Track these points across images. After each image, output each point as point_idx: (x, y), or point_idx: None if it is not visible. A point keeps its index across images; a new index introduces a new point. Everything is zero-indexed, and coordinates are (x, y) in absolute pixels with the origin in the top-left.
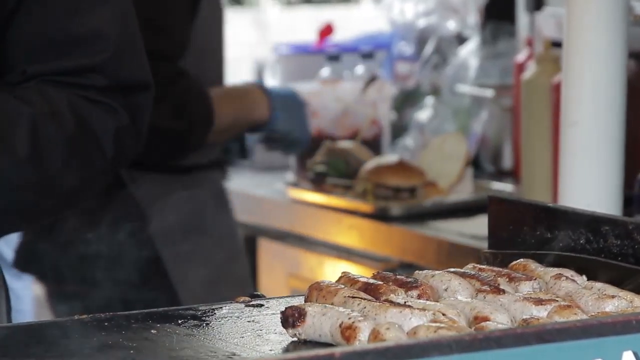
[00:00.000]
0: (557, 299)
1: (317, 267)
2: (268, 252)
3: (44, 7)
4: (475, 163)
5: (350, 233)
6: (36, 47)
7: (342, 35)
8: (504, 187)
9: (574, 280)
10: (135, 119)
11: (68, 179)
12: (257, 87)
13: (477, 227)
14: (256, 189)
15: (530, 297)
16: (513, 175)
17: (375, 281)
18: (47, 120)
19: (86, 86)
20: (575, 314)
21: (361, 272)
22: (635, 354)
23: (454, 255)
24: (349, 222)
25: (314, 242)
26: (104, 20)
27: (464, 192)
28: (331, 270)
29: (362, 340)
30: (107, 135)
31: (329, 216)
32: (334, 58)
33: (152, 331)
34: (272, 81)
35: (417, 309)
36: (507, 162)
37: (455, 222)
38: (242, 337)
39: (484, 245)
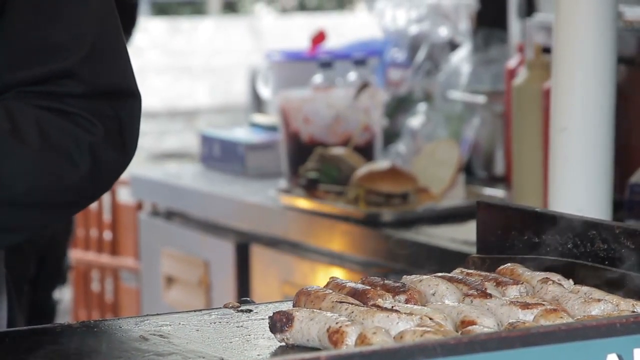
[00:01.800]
0: (543, 302)
1: (310, 274)
2: (261, 259)
3: (22, 14)
4: (467, 169)
5: (342, 239)
6: (15, 55)
7: (338, 42)
8: (496, 193)
9: (560, 285)
10: (121, 129)
11: (36, 195)
12: None
13: (469, 233)
14: (249, 196)
15: (517, 301)
16: (505, 181)
17: (363, 286)
18: (8, 138)
19: (62, 95)
20: (561, 317)
21: (353, 278)
22: (619, 356)
23: (445, 261)
24: (341, 228)
25: (307, 248)
26: (80, 25)
27: (456, 198)
28: (324, 276)
29: (350, 344)
30: (79, 149)
31: (321, 222)
32: (326, 65)
33: (141, 336)
34: (264, 88)
35: (404, 313)
36: (499, 167)
37: (447, 228)
38: (231, 342)
39: (475, 250)
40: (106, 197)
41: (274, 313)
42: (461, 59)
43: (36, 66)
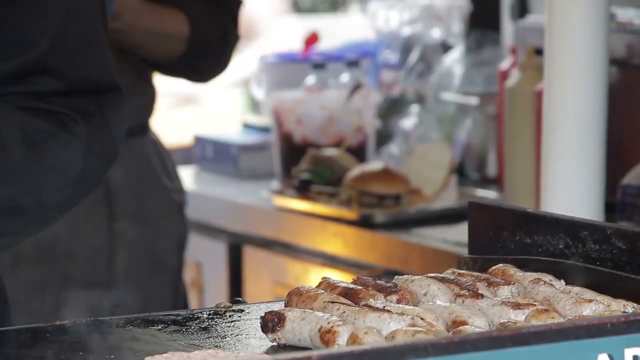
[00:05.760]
0: (535, 303)
1: (303, 275)
2: (253, 260)
3: None
4: (459, 170)
5: (335, 240)
6: None
7: (331, 43)
8: (488, 194)
9: (552, 285)
10: (106, 124)
11: (20, 203)
12: None
13: (461, 234)
14: (241, 197)
15: (509, 302)
16: (498, 182)
17: (355, 286)
18: None
19: (43, 93)
20: (553, 317)
21: (346, 279)
22: (610, 356)
23: (438, 262)
24: (334, 229)
25: (299, 249)
26: (44, 17)
27: (449, 199)
28: (316, 277)
29: (341, 344)
30: (66, 153)
31: (314, 224)
32: (319, 66)
33: (133, 336)
34: (257, 89)
35: (396, 313)
36: (491, 169)
37: (439, 229)
38: (222, 342)
39: (467, 251)
40: None
41: (265, 313)
42: (454, 60)
43: (5, 61)
